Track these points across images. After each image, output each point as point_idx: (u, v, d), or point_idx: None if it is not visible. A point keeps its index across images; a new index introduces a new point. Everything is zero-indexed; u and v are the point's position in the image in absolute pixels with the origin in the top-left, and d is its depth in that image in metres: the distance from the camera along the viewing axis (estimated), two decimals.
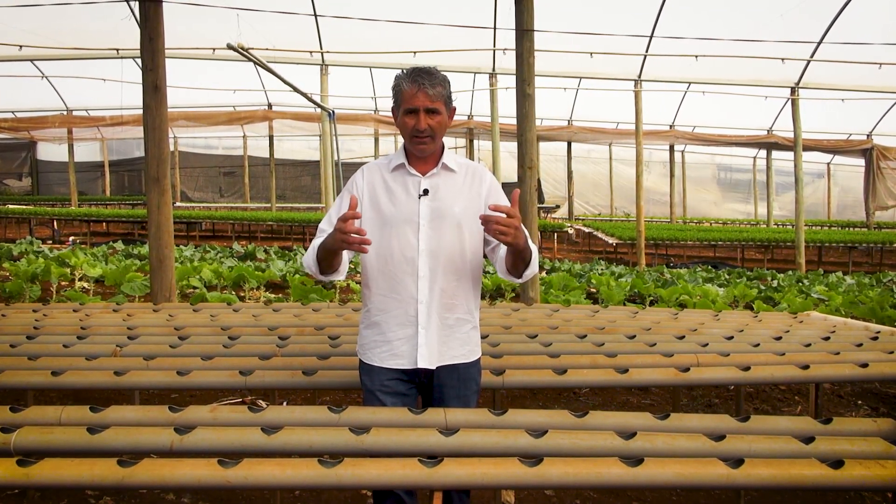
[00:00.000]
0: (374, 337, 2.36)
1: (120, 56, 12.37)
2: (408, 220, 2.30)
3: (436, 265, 2.29)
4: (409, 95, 2.24)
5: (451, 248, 2.31)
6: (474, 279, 2.40)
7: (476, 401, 2.46)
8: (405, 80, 2.26)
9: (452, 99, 2.34)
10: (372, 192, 2.37)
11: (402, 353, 2.31)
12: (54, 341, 3.54)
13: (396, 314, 2.31)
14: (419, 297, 2.28)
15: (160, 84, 5.40)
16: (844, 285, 10.52)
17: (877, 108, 18.49)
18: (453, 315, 2.33)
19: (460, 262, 2.33)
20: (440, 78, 2.27)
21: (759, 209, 25.61)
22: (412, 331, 2.29)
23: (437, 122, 2.27)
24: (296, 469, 1.83)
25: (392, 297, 2.31)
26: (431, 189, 2.32)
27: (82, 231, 17.49)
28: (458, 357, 2.35)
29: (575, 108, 19.61)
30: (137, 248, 12.02)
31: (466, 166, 2.42)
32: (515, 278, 2.32)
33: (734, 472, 1.83)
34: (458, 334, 2.35)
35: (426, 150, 2.30)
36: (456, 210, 2.32)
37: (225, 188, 26.02)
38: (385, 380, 2.34)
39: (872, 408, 5.11)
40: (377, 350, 2.35)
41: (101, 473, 1.81)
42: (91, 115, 18.89)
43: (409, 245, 2.29)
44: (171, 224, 5.49)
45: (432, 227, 2.29)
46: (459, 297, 2.34)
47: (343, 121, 15.97)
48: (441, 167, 2.35)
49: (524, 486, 1.81)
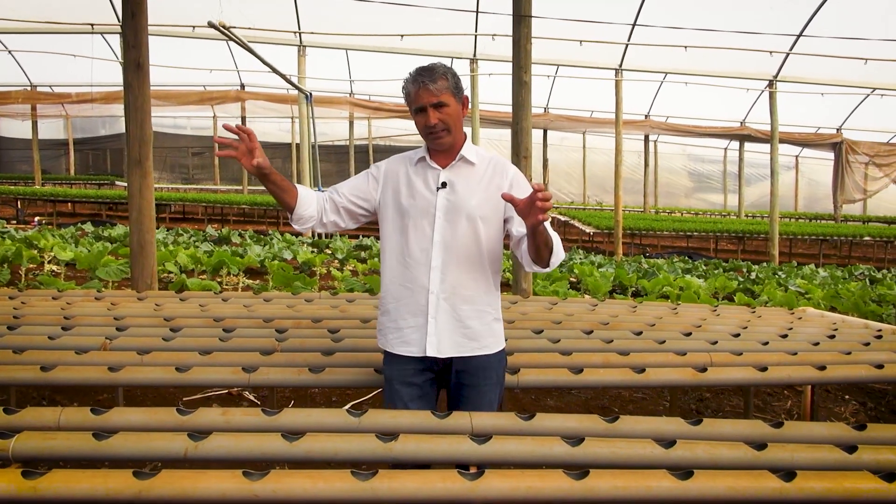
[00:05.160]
0: (389, 323, 2.39)
1: (95, 31, 11.93)
2: (425, 212, 2.33)
3: (449, 257, 2.31)
4: (414, 96, 2.28)
5: (465, 240, 2.32)
6: (492, 272, 2.40)
7: (499, 395, 2.44)
8: (410, 82, 2.31)
9: (462, 88, 2.35)
10: (394, 183, 2.41)
11: (412, 341, 2.32)
12: (38, 332, 3.35)
13: (408, 303, 2.33)
14: (430, 287, 2.30)
15: (143, 62, 5.16)
16: (819, 278, 10.65)
17: (847, 102, 18.75)
18: (471, 307, 2.33)
19: (476, 255, 2.34)
20: (441, 71, 2.29)
21: (728, 200, 25.91)
22: (423, 320, 2.31)
23: (446, 114, 2.29)
24: (328, 482, 1.71)
25: (405, 286, 2.34)
26: (449, 182, 2.34)
27: (47, 211, 16.98)
28: (476, 348, 2.34)
29: (552, 95, 19.58)
30: (108, 230, 11.67)
31: (489, 160, 2.43)
32: (543, 267, 2.29)
33: (787, 485, 1.76)
34: (475, 325, 2.34)
35: (444, 144, 2.33)
36: (473, 203, 2.32)
37: (193, 169, 25.50)
38: (402, 367, 2.35)
39: (860, 403, 5.14)
40: (390, 336, 2.38)
41: (116, 487, 1.67)
42: (55, 91, 18.31)
43: (425, 236, 2.32)
44: (153, 208, 5.27)
45: (447, 220, 2.31)
46: (473, 288, 2.34)
47: (318, 103, 15.70)
48: (460, 160, 2.36)
49: (571, 501, 1.71)
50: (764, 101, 15.89)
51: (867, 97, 17.85)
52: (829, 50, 12.57)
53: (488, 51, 12.94)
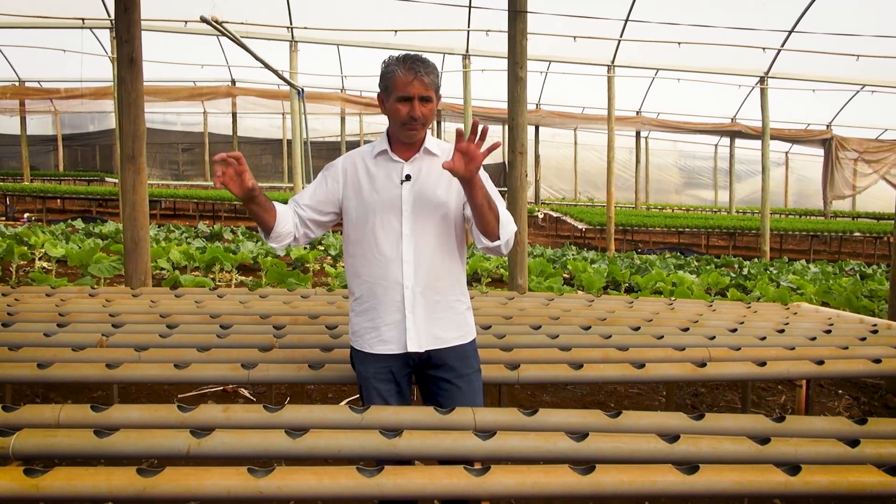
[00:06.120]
0: (365, 324, 2.33)
1: (85, 26, 11.79)
2: (391, 206, 2.28)
3: (420, 249, 2.27)
4: (403, 83, 2.19)
5: (435, 231, 2.29)
6: (461, 261, 2.39)
7: (479, 380, 2.40)
8: (399, 66, 2.20)
9: (440, 87, 2.32)
10: (354, 179, 2.35)
11: (391, 339, 2.28)
12: (33, 329, 3.32)
13: (384, 300, 2.28)
14: (405, 282, 2.26)
15: (136, 56, 5.12)
16: (810, 273, 10.70)
17: (837, 99, 18.84)
18: (444, 298, 2.31)
19: (446, 246, 2.32)
20: (432, 66, 2.26)
21: (719, 196, 26.01)
22: (399, 316, 2.27)
23: (429, 109, 2.24)
24: (333, 478, 1.70)
25: (379, 283, 2.29)
26: (413, 174, 2.30)
27: (37, 207, 16.86)
28: (451, 339, 2.32)
29: (543, 91, 19.58)
30: (98, 227, 11.59)
31: (449, 150, 2.36)
32: (493, 241, 2.23)
33: (792, 479, 1.76)
34: (450, 316, 2.32)
35: (415, 137, 2.28)
36: (438, 193, 2.30)
37: (183, 165, 25.36)
38: (379, 365, 2.31)
39: (853, 397, 5.16)
40: (367, 336, 2.32)
41: (119, 484, 1.66)
42: (44, 86, 18.15)
43: (393, 231, 2.27)
44: (146, 205, 5.24)
45: (415, 212, 2.28)
46: (446, 279, 2.32)
47: (309, 99, 15.62)
48: (423, 152, 2.33)
49: (577, 496, 1.71)
50: (755, 98, 15.96)
51: (857, 93, 17.94)
52: (821, 46, 12.60)
53: (480, 47, 12.90)
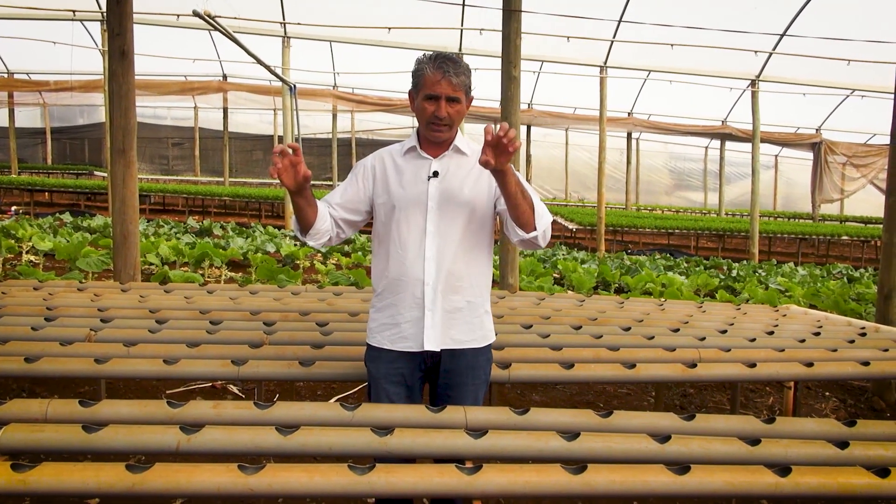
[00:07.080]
0: (384, 320, 2.32)
1: (76, 18, 11.69)
2: (417, 202, 2.27)
3: (443, 247, 2.26)
4: (431, 81, 2.20)
5: (460, 230, 2.28)
6: (485, 262, 2.37)
7: (484, 389, 2.41)
8: (429, 64, 2.21)
9: (472, 88, 2.32)
10: (383, 176, 2.35)
11: (409, 336, 2.27)
12: (20, 323, 3.29)
13: (404, 297, 2.27)
14: (426, 279, 2.25)
15: (128, 49, 5.08)
16: (798, 276, 10.75)
17: (827, 103, 18.93)
18: (462, 298, 2.29)
19: (468, 245, 2.31)
20: (464, 67, 2.26)
21: (708, 198, 26.10)
22: (419, 313, 2.26)
23: (456, 110, 2.25)
24: (325, 476, 1.69)
25: (400, 279, 2.28)
26: (441, 172, 2.29)
27: (24, 200, 16.71)
28: (466, 342, 2.30)
29: (535, 92, 19.58)
30: (87, 221, 11.51)
31: (479, 151, 2.35)
32: (529, 233, 2.18)
33: (782, 480, 1.77)
34: (467, 318, 2.31)
35: (440, 137, 2.29)
36: (465, 192, 2.29)
37: (173, 160, 25.20)
38: (391, 365, 2.29)
39: (840, 399, 5.20)
40: (386, 333, 2.31)
41: (108, 480, 1.64)
42: (33, 78, 17.99)
43: (417, 227, 2.26)
44: (136, 199, 5.20)
45: (440, 210, 2.27)
46: (467, 279, 2.30)
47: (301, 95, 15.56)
48: (452, 150, 2.33)
49: (569, 496, 1.71)
50: (745, 101, 16.02)
51: (847, 98, 18.04)
52: (812, 50, 12.67)
53: (474, 45, 12.89)
